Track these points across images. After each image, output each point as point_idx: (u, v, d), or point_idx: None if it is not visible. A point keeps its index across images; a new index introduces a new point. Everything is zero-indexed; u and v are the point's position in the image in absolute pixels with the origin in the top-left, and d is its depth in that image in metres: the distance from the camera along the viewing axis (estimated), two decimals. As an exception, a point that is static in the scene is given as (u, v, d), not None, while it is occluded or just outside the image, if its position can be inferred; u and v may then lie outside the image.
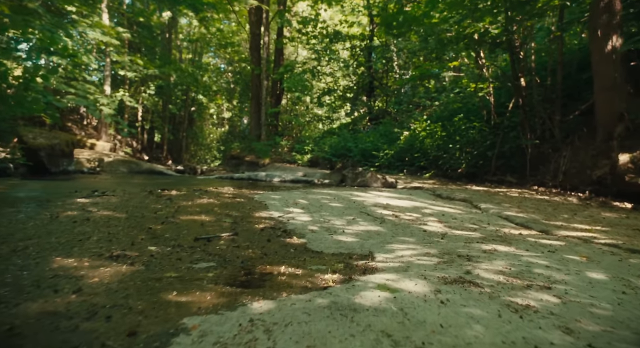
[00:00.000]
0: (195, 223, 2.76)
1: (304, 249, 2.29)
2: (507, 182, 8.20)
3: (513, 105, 8.49)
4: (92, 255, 1.88)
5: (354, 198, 4.53)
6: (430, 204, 4.38)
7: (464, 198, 4.99)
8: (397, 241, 2.55)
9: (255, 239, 2.45)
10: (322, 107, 17.23)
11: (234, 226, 2.77)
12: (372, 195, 4.94)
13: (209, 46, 22.74)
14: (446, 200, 4.92)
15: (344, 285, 1.58)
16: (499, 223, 3.50)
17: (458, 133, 9.93)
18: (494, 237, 2.83)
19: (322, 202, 4.05)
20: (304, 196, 4.39)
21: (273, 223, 2.94)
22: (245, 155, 15.12)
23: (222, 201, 3.72)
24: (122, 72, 19.44)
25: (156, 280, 1.56)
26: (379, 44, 15.15)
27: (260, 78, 14.60)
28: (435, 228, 3.10)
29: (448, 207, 4.29)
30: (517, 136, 8.20)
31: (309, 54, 17.57)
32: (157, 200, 3.53)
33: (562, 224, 3.54)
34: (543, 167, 7.71)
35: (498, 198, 5.19)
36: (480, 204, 4.55)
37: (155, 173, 11.20)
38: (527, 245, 2.53)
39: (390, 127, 13.08)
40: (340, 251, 2.29)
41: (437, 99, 13.36)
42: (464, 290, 1.53)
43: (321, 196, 4.49)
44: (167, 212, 3.02)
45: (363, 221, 3.24)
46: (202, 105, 30.25)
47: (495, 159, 8.53)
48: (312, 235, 2.64)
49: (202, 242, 2.30)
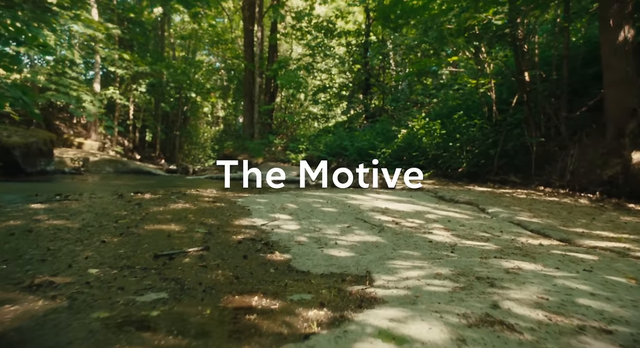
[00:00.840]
0: (161, 235, 2.33)
1: (286, 269, 1.87)
2: (510, 182, 7.82)
3: (516, 101, 8.10)
4: (6, 284, 1.45)
5: (349, 201, 4.11)
6: (434, 208, 3.97)
7: (469, 200, 4.58)
8: (399, 256, 2.14)
9: (229, 255, 2.03)
10: (317, 105, 16.79)
11: (206, 238, 2.34)
12: (369, 197, 4.53)
13: (201, 42, 22.21)
14: (450, 203, 4.51)
15: (332, 331, 1.16)
16: (512, 231, 3.10)
17: (458, 131, 9.53)
18: (512, 249, 2.42)
19: (314, 206, 3.63)
20: (293, 199, 3.97)
21: (254, 234, 2.52)
22: (238, 154, 14.67)
23: (199, 206, 3.29)
24: (112, 69, 18.93)
25: (69, 329, 1.13)
26: (375, 40, 14.73)
27: (254, 75, 14.15)
28: (442, 238, 2.69)
29: (453, 211, 3.88)
30: (521, 134, 7.81)
31: (303, 51, 17.12)
32: (125, 206, 3.09)
33: (583, 231, 3.14)
34: (549, 166, 7.33)
35: (505, 201, 4.79)
36: (488, 208, 4.15)
37: (143, 173, 10.74)
38: (554, 260, 2.12)
39: (388, 125, 12.66)
40: (331, 271, 1.88)
41: (435, 96, 12.97)
42: (497, 338, 1.12)
43: (313, 199, 4.07)
44: (131, 221, 2.59)
45: (359, 229, 2.82)
46: (196, 104, 29.74)
47: (498, 158, 8.14)
48: (299, 249, 2.22)
49: (162, 260, 1.88)
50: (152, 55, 21.21)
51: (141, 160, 22.86)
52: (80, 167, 9.51)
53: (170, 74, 19.83)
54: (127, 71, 18.73)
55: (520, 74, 7.43)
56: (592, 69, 7.95)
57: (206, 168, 20.79)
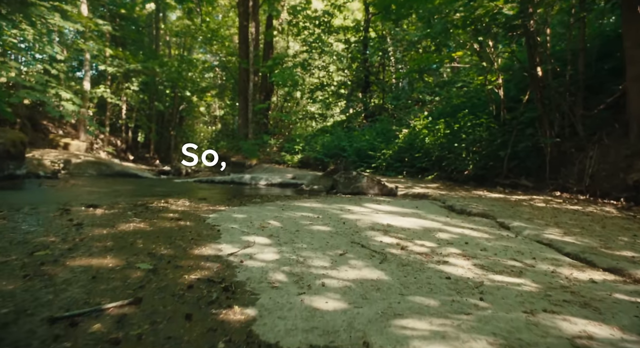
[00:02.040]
0: (84, 276, 1.71)
1: (244, 341, 1.26)
2: (522, 186, 7.21)
3: (528, 98, 7.49)
4: None
5: (345, 215, 3.50)
6: (445, 224, 3.35)
7: (484, 212, 3.97)
8: (410, 309, 1.52)
9: (166, 315, 1.41)
10: (314, 103, 16.14)
11: (146, 279, 1.72)
12: (369, 209, 3.91)
13: (195, 39, 21.56)
14: (463, 217, 3.89)
15: None
16: (547, 257, 2.48)
17: (463, 130, 8.93)
18: (559, 290, 1.81)
19: (301, 223, 3.01)
20: (278, 214, 3.35)
21: (215, 270, 1.90)
22: (232, 155, 14.05)
23: (157, 226, 2.67)
24: (103, 67, 18.30)
25: None
26: (375, 36, 14.10)
27: (249, 72, 13.53)
28: (462, 271, 2.07)
29: (468, 227, 3.26)
30: (534, 133, 7.20)
31: (300, 48, 16.48)
32: (60, 228, 2.47)
33: (634, 256, 2.53)
34: (565, 169, 6.72)
35: (525, 212, 4.18)
36: (508, 221, 3.53)
37: (128, 175, 10.11)
38: (629, 316, 1.51)
39: (388, 125, 12.05)
40: (311, 342, 1.26)
41: (438, 93, 12.35)
42: None
43: (301, 213, 3.45)
44: (53, 252, 1.97)
45: (356, 259, 2.21)
46: (192, 103, 29.15)
47: (508, 160, 7.52)
48: (271, 297, 1.60)
49: (59, 327, 1.26)
50: (144, 53, 20.59)
51: (134, 161, 22.24)
52: (58, 171, 8.88)
53: (163, 72, 19.20)
54: (118, 69, 18.11)
55: (532, 68, 6.81)
56: (609, 64, 7.35)
57: (201, 169, 20.17)
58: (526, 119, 7.57)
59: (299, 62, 14.16)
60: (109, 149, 19.79)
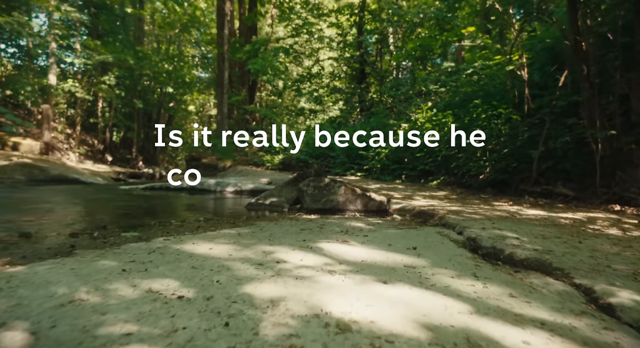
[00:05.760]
0: None
1: None
2: (559, 196, 5.40)
3: (565, 79, 5.66)
4: None
5: (252, 285, 1.70)
6: (476, 309, 1.50)
7: (537, 259, 2.13)
8: None
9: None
10: (301, 96, 14.30)
11: None
12: (323, 258, 2.09)
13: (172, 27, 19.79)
14: (502, 271, 2.04)
15: None
16: None
17: (476, 124, 7.14)
18: None
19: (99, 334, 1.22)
20: (125, 290, 1.56)
21: None
22: (206, 156, 12.25)
23: None
24: (69, 60, 16.58)
25: None
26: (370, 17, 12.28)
27: (224, 59, 11.75)
28: None
29: (530, 319, 1.43)
30: (577, 125, 5.39)
31: (285, 31, 14.68)
32: None
33: None
34: (622, 172, 4.90)
35: (607, 250, 2.35)
36: (590, 283, 1.70)
37: (68, 181, 8.35)
38: None
39: (385, 119, 10.24)
40: None
41: (445, 83, 10.52)
42: None
43: (175, 285, 1.66)
44: None
45: None
46: (180, 101, 27.41)
47: (538, 161, 5.71)
48: None
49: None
50: (122, 43, 18.87)
51: (112, 162, 20.50)
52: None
53: (138, 65, 17.44)
54: (88, 60, 16.39)
55: (577, 34, 4.96)
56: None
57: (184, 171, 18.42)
58: (561, 106, 5.75)
59: (282, 48, 12.36)
60: (81, 149, 18.09)
